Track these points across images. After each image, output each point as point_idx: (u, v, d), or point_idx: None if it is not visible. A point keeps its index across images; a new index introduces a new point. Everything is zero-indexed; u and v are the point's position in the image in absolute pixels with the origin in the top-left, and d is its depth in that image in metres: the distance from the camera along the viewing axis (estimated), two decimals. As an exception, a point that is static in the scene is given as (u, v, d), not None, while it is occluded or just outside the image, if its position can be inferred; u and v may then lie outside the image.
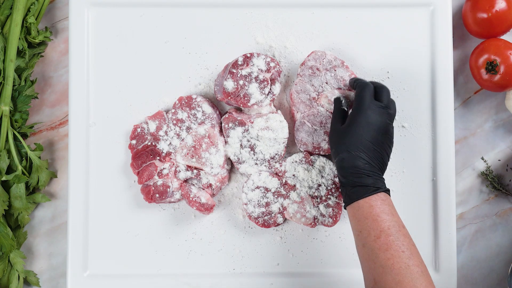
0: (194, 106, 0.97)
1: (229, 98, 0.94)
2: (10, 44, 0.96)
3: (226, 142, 0.97)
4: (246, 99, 0.94)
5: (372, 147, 0.85)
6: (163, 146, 0.96)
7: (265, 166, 0.97)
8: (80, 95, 0.99)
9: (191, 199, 0.95)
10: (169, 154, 0.97)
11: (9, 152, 0.98)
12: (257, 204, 0.96)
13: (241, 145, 0.96)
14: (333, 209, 0.95)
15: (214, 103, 0.99)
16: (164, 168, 0.96)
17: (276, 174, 0.97)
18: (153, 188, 0.96)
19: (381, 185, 0.85)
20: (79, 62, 0.99)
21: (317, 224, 0.96)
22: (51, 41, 1.03)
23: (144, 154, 0.96)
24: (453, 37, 1.01)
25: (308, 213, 0.95)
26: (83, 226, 0.98)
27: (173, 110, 0.97)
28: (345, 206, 0.87)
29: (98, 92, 0.99)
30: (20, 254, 0.98)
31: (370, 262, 0.81)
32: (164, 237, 0.99)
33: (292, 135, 0.99)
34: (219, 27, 1.00)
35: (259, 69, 0.95)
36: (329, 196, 0.95)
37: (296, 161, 0.96)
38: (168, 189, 0.96)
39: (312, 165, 0.96)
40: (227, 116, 0.97)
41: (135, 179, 0.99)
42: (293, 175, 0.96)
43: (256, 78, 0.94)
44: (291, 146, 0.99)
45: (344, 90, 0.95)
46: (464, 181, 1.03)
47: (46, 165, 1.00)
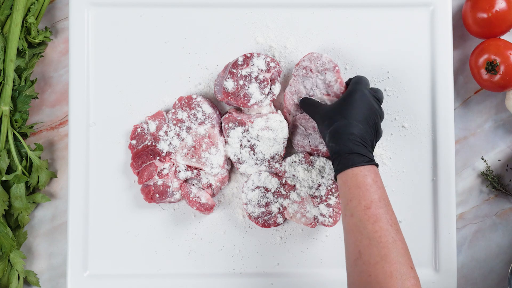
0: (194, 106, 0.97)
1: (229, 98, 0.94)
2: (10, 44, 0.96)
3: (226, 142, 0.97)
4: (246, 99, 0.94)
5: (366, 122, 0.86)
6: (163, 146, 0.96)
7: (265, 166, 0.96)
8: (80, 95, 0.99)
9: (191, 199, 0.95)
10: (169, 154, 0.96)
11: (9, 152, 0.98)
12: (257, 204, 0.96)
13: (241, 145, 0.96)
14: (333, 209, 0.95)
15: (214, 103, 0.99)
16: (164, 168, 0.96)
17: (276, 174, 0.97)
18: (153, 188, 0.96)
19: (374, 159, 0.85)
20: (79, 62, 0.99)
21: (317, 224, 0.95)
22: (51, 41, 1.03)
23: (144, 154, 0.96)
24: (453, 37, 1.00)
25: (308, 213, 0.95)
26: (83, 226, 0.98)
27: (173, 110, 0.97)
28: (335, 175, 0.86)
29: (98, 92, 0.99)
30: (20, 254, 0.98)
31: (356, 233, 0.79)
32: (164, 237, 0.99)
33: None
34: (219, 27, 1.00)
35: (259, 69, 0.95)
36: (329, 196, 0.95)
37: (296, 161, 0.96)
38: (168, 189, 0.96)
39: (312, 165, 0.96)
40: (227, 116, 0.97)
41: (135, 179, 0.99)
42: (293, 175, 0.96)
43: (256, 78, 0.94)
44: (291, 146, 0.99)
45: (331, 97, 0.94)
46: (464, 181, 1.03)
47: (46, 165, 1.00)
